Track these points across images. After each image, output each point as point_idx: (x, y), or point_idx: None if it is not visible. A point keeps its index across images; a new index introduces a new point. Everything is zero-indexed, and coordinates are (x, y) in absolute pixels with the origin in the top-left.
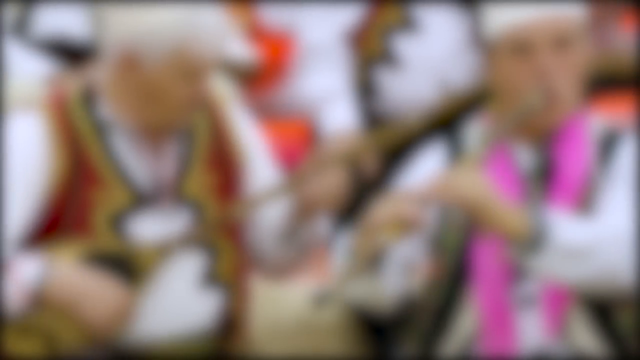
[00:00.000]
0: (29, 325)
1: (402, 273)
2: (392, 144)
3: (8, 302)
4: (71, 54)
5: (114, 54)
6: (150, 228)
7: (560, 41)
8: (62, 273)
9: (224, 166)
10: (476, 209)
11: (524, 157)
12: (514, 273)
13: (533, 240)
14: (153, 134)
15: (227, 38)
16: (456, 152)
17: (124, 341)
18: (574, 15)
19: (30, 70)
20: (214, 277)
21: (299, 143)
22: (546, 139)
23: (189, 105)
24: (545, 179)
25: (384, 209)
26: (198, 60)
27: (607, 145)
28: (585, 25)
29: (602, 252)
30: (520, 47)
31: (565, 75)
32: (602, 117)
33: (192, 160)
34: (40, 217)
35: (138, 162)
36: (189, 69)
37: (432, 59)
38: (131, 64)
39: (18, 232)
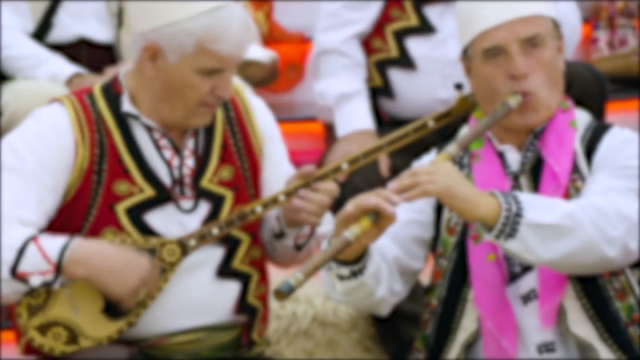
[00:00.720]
0: (52, 321)
1: (397, 275)
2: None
3: (31, 274)
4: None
5: (138, 47)
6: (171, 222)
7: (532, 41)
8: (88, 244)
9: (242, 158)
10: (445, 200)
11: (513, 157)
12: (511, 272)
13: (507, 224)
14: (173, 129)
15: (250, 37)
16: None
17: (147, 334)
18: (541, 14)
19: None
20: (232, 269)
21: (315, 142)
22: (533, 138)
23: (208, 102)
24: (534, 177)
25: (352, 202)
26: (220, 59)
27: (592, 139)
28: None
29: (578, 227)
30: (491, 52)
31: (539, 75)
32: (585, 113)
33: (211, 154)
34: (64, 201)
35: (158, 156)
36: (210, 66)
37: (446, 61)
38: (154, 56)
39: (39, 218)
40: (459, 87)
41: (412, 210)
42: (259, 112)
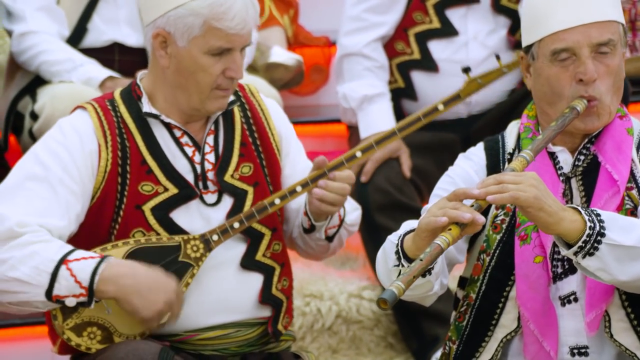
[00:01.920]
0: (87, 321)
1: (446, 270)
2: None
3: (66, 297)
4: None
5: (149, 38)
6: (196, 218)
7: (605, 46)
8: (119, 264)
9: (261, 156)
10: (531, 210)
11: (565, 158)
12: (553, 272)
13: (589, 243)
14: (193, 126)
15: (255, 15)
16: (496, 154)
17: (177, 330)
18: (615, 19)
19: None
20: (255, 261)
21: (339, 143)
22: (587, 142)
23: (222, 85)
24: (586, 180)
25: (443, 210)
26: (227, 37)
27: None
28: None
29: None
30: (561, 54)
31: (607, 81)
32: None
33: (232, 151)
34: (92, 203)
35: (180, 153)
36: (219, 45)
37: (468, 63)
38: (165, 42)
39: (69, 223)
40: (466, 70)
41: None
42: (275, 112)
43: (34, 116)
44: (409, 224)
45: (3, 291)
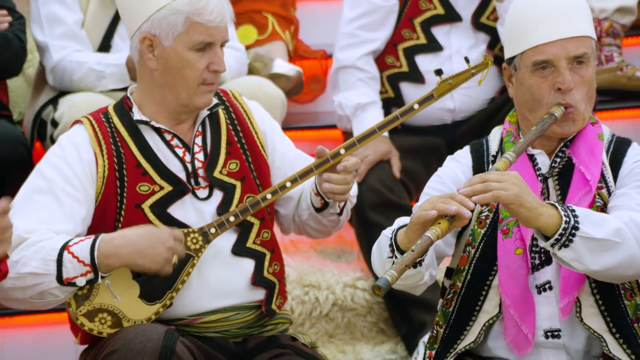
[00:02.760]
0: (98, 308)
1: (434, 262)
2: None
3: (75, 277)
4: None
5: (135, 45)
6: (190, 211)
7: (580, 59)
8: (112, 237)
9: (246, 153)
10: (512, 207)
11: (543, 160)
12: (531, 263)
13: (565, 235)
14: (181, 128)
15: (228, 9)
16: (481, 156)
17: (181, 315)
18: (588, 35)
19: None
20: (246, 249)
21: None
22: (563, 146)
23: (208, 79)
24: (562, 180)
25: (432, 205)
26: (207, 30)
27: (616, 151)
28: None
29: (624, 243)
30: (541, 65)
31: (582, 90)
32: (609, 126)
33: (219, 149)
34: (96, 208)
35: (172, 154)
36: (201, 40)
37: (451, 75)
38: (151, 45)
39: (75, 227)
40: (438, 72)
41: None
42: (257, 112)
43: (55, 123)
44: (401, 220)
45: (22, 287)
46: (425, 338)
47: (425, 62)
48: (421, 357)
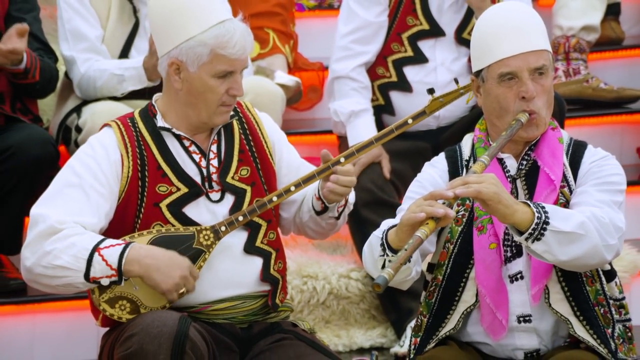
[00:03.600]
0: (118, 295)
1: (419, 259)
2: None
3: (100, 278)
4: None
5: (164, 67)
6: (204, 212)
7: (540, 70)
8: (141, 248)
9: (257, 161)
10: (491, 203)
11: (511, 163)
12: (504, 256)
13: (537, 230)
14: (199, 137)
15: (250, 43)
16: (455, 162)
17: (193, 303)
18: (546, 49)
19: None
20: (255, 247)
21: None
22: (528, 150)
23: (226, 102)
24: (528, 181)
25: (420, 207)
26: (230, 62)
27: (575, 153)
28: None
29: (588, 235)
30: (506, 76)
31: (543, 98)
32: (568, 131)
33: (232, 155)
34: (118, 203)
35: (189, 159)
36: (224, 69)
37: (436, 84)
38: (178, 69)
39: (99, 220)
40: (430, 91)
41: None
42: (267, 124)
43: (78, 129)
44: (387, 223)
45: (51, 276)
46: (413, 323)
47: (413, 73)
48: (408, 341)
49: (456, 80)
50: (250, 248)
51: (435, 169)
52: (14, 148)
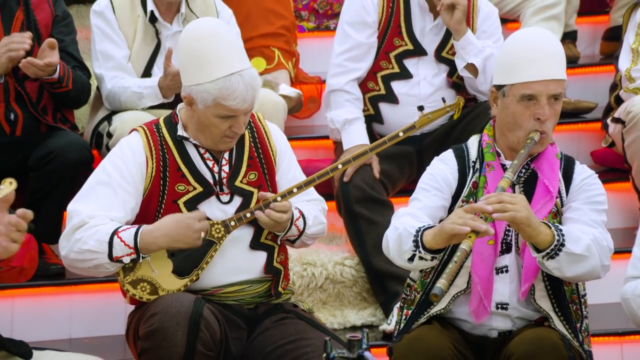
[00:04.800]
0: (139, 278)
1: None
2: (387, 153)
3: (122, 256)
4: None
5: (183, 96)
6: (215, 210)
7: (556, 97)
8: (150, 228)
9: (263, 166)
10: (522, 225)
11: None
12: (496, 253)
13: (554, 250)
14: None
15: (254, 94)
16: (464, 161)
17: (206, 287)
18: (564, 78)
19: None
20: (260, 243)
21: (328, 154)
22: (529, 160)
23: (229, 135)
24: (526, 188)
25: (463, 220)
26: (231, 109)
27: (567, 168)
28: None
29: (591, 257)
30: (527, 97)
31: (552, 121)
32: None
33: (241, 162)
34: (142, 199)
35: (204, 164)
36: (225, 114)
37: (419, 97)
38: (190, 102)
39: (126, 214)
40: (421, 108)
41: (442, 197)
42: (274, 134)
43: (109, 135)
44: (407, 214)
45: (82, 260)
46: (399, 304)
47: (399, 87)
48: (395, 319)
49: (443, 100)
50: (255, 244)
51: (446, 166)
52: (55, 152)
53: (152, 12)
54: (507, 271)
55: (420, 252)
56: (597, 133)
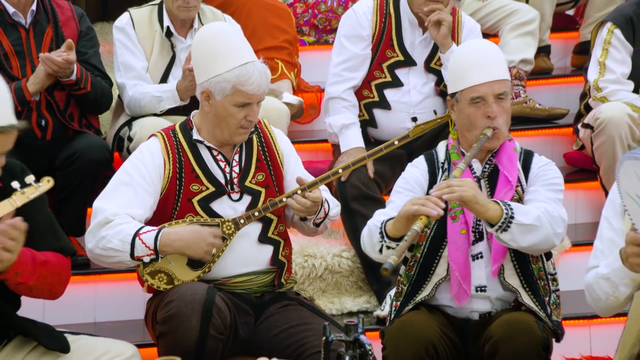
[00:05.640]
0: (157, 269)
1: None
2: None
3: (143, 256)
4: None
5: (199, 94)
6: (227, 207)
7: (502, 95)
8: (169, 232)
9: (270, 168)
10: (471, 203)
11: (477, 166)
12: (469, 241)
13: (505, 223)
14: (225, 148)
15: (267, 82)
16: (433, 163)
17: (217, 277)
18: (507, 78)
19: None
20: (268, 238)
21: (326, 155)
22: (490, 156)
23: (244, 125)
24: (490, 181)
25: (416, 206)
26: (247, 96)
27: (525, 160)
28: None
29: (542, 226)
30: (475, 99)
31: (503, 117)
32: (520, 142)
33: (250, 164)
34: (160, 198)
35: (216, 165)
36: (242, 101)
37: (409, 104)
38: (208, 97)
39: (145, 212)
40: (414, 119)
41: (414, 194)
42: (280, 138)
43: (130, 139)
44: (380, 213)
45: (106, 256)
46: (392, 292)
47: (391, 95)
48: (388, 306)
49: (435, 112)
50: (263, 238)
51: (417, 169)
52: (78, 153)
53: (168, 27)
54: (481, 257)
55: (385, 241)
56: (569, 137)
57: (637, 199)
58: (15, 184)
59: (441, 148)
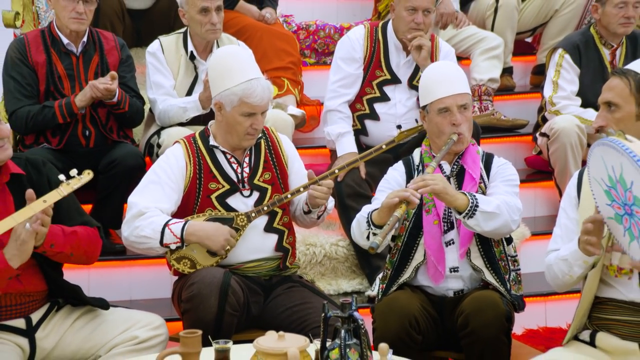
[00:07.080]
0: (182, 256)
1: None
2: (371, 159)
3: (170, 244)
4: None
5: (213, 104)
6: (239, 202)
7: (464, 106)
8: (194, 224)
9: (276, 168)
10: (442, 194)
11: (446, 167)
12: (443, 229)
13: (470, 211)
14: (236, 152)
15: (270, 95)
16: (410, 166)
17: (232, 263)
18: (468, 92)
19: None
20: (273, 227)
21: (325, 159)
22: (457, 158)
23: (250, 132)
24: (458, 179)
25: (397, 195)
26: (252, 107)
27: (487, 161)
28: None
29: (502, 214)
30: (442, 110)
31: (466, 124)
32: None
33: (258, 165)
34: (183, 195)
35: (229, 167)
36: (248, 111)
37: (396, 115)
38: (220, 108)
39: (171, 206)
40: (399, 127)
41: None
42: (285, 143)
43: (159, 146)
44: (366, 207)
45: (139, 242)
46: (380, 275)
47: (380, 107)
48: (377, 288)
49: (416, 120)
50: (269, 228)
51: (396, 171)
52: (117, 160)
53: (191, 52)
54: (453, 243)
55: (371, 229)
56: (529, 144)
57: (601, 183)
58: (61, 177)
59: (416, 154)
